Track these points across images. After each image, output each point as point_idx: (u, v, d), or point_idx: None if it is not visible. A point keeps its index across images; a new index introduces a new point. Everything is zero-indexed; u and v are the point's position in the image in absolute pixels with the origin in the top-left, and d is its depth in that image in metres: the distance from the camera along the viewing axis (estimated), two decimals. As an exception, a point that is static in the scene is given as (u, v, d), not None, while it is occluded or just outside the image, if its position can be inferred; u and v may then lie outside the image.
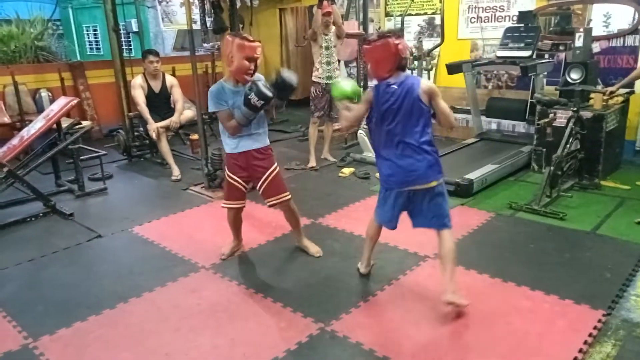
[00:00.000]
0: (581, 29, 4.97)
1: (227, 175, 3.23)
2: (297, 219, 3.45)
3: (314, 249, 3.46)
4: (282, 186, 3.26)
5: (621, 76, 4.75)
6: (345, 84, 2.86)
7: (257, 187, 3.23)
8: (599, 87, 4.96)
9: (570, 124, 4.36)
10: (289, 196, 3.28)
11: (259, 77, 3.04)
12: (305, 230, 3.89)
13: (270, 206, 3.30)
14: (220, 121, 3.10)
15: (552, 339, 2.26)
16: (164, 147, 5.39)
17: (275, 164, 3.26)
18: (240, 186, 3.21)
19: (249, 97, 2.87)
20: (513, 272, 3.10)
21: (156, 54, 5.59)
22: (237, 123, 2.99)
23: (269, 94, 2.89)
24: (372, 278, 3.10)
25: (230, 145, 3.15)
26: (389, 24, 7.30)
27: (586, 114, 4.57)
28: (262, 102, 2.89)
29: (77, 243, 3.76)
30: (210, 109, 3.12)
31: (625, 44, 5.45)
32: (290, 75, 3.00)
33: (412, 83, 2.60)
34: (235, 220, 3.41)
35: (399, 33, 2.66)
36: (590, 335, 2.47)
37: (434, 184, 2.65)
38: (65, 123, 4.89)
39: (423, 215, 2.71)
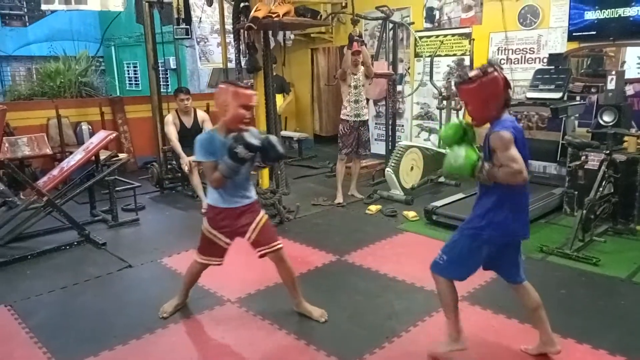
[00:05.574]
0: (614, 72, 4.93)
1: (206, 228, 3.03)
2: (292, 275, 3.08)
3: (317, 312, 3.08)
4: (273, 235, 3.04)
5: (656, 119, 4.67)
6: (460, 153, 2.34)
7: (247, 238, 2.99)
8: (633, 130, 4.88)
9: (603, 167, 4.28)
10: (281, 245, 3.01)
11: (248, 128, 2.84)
12: (330, 267, 3.91)
13: (260, 256, 3.00)
14: (205, 172, 2.92)
15: (584, 390, 2.18)
16: (195, 180, 5.53)
17: (263, 212, 3.06)
18: (220, 242, 3.02)
19: (236, 149, 2.65)
20: (543, 318, 3.00)
21: (187, 91, 5.81)
22: (221, 175, 2.75)
23: (257, 143, 2.70)
24: (398, 318, 3.06)
25: (214, 197, 2.95)
26: (419, 65, 7.43)
27: (620, 157, 4.49)
28: (250, 153, 2.69)
29: (108, 272, 3.85)
30: (197, 158, 2.89)
31: (660, 87, 5.38)
32: (276, 143, 2.85)
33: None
34: (195, 276, 3.19)
35: (497, 64, 2.31)
36: (625, 388, 2.37)
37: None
38: (103, 155, 5.10)
39: (507, 267, 2.57)
